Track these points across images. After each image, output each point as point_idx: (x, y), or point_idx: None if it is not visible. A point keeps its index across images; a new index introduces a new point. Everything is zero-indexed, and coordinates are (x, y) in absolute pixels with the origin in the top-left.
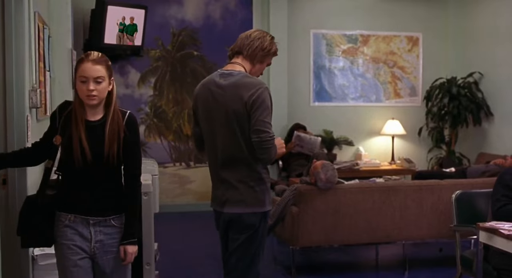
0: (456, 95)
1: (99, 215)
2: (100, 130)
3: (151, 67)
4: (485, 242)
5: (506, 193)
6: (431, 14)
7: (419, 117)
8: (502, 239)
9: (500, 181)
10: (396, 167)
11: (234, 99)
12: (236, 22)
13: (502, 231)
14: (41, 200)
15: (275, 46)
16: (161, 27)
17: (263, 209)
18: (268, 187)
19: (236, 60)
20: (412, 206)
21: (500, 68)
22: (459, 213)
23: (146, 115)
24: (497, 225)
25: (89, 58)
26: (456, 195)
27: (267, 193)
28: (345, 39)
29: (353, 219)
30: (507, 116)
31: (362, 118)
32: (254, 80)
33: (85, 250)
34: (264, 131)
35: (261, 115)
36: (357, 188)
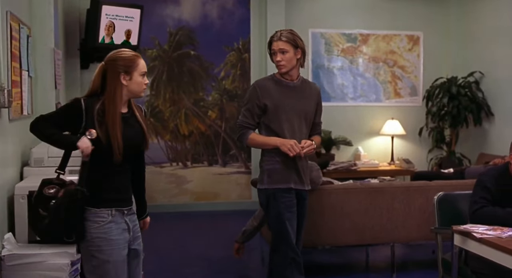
0: (455, 95)
1: (129, 204)
2: (134, 122)
3: (148, 67)
4: (459, 245)
5: (484, 195)
6: (432, 13)
7: (420, 117)
8: (475, 243)
9: (479, 182)
10: (395, 167)
11: None
12: (234, 22)
13: (475, 234)
14: (82, 196)
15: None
16: (157, 26)
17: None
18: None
19: None
20: (400, 208)
21: (501, 67)
22: (441, 215)
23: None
24: (472, 228)
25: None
26: (438, 197)
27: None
28: (344, 38)
29: (339, 220)
30: (508, 117)
31: (362, 118)
32: (253, 82)
33: (127, 242)
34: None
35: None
36: (342, 189)
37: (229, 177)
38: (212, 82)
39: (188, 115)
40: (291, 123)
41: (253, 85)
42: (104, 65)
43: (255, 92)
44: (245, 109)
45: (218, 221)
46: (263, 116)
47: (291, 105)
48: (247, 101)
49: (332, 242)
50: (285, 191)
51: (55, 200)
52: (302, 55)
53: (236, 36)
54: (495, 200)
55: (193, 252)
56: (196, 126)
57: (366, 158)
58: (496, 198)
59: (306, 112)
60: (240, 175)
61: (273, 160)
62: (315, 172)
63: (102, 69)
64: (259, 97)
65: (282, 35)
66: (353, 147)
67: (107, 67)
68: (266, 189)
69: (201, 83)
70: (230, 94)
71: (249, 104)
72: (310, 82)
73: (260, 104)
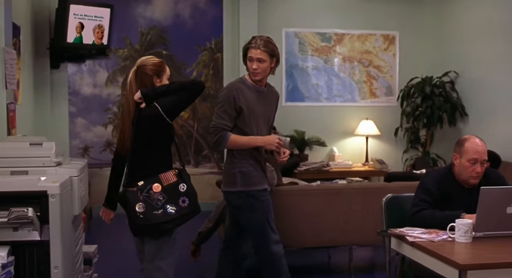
0: (429, 95)
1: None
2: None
3: (119, 66)
4: (395, 249)
5: (425, 197)
6: (408, 12)
7: (395, 118)
8: (408, 246)
9: (421, 184)
10: (369, 168)
11: None
12: (206, 21)
13: (408, 237)
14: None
15: (245, 44)
16: (129, 26)
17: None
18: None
19: None
20: (357, 210)
21: (475, 67)
22: (389, 218)
23: (114, 115)
24: (407, 231)
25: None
26: (386, 199)
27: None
28: (318, 38)
29: (294, 222)
30: (481, 117)
31: (336, 119)
32: (228, 83)
33: None
34: (211, 121)
35: (216, 107)
36: (297, 191)
37: (201, 177)
38: None
39: None
40: (258, 128)
41: (229, 88)
42: (137, 69)
43: (232, 94)
44: (222, 111)
45: (190, 222)
46: (237, 119)
47: (260, 110)
48: (224, 103)
49: (290, 244)
50: (263, 191)
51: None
52: (276, 64)
53: (208, 36)
54: (437, 203)
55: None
56: None
57: (340, 159)
58: (438, 200)
59: (269, 117)
60: (212, 175)
61: (246, 162)
62: (269, 173)
63: (136, 73)
64: (235, 100)
65: (261, 44)
66: (327, 147)
67: (140, 72)
68: (241, 192)
69: None
70: (202, 95)
71: (226, 106)
72: (272, 86)
73: (237, 107)
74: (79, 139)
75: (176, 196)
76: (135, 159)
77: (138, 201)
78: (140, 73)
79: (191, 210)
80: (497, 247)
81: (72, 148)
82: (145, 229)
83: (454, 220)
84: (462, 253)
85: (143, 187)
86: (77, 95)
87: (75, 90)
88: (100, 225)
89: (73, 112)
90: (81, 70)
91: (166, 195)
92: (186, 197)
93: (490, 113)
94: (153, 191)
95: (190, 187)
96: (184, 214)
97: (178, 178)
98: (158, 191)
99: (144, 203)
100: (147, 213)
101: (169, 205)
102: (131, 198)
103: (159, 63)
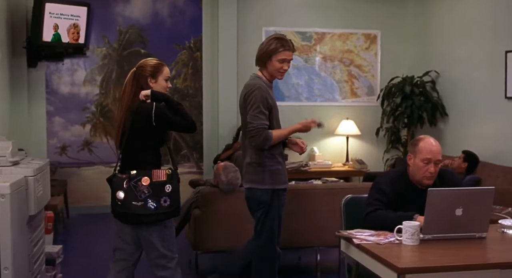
0: (409, 94)
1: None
2: None
3: (97, 65)
4: (344, 251)
5: (379, 197)
6: (390, 11)
7: (377, 117)
8: (355, 248)
9: (374, 184)
10: (348, 168)
11: (241, 96)
12: (185, 20)
13: (354, 239)
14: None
15: (273, 45)
16: (107, 24)
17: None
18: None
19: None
20: (325, 210)
21: (455, 67)
22: (348, 219)
23: (92, 115)
24: (356, 233)
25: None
26: (345, 200)
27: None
28: (299, 37)
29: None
30: (461, 117)
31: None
32: (253, 82)
33: None
34: (249, 123)
35: (251, 109)
36: None
37: (180, 177)
38: None
39: None
40: (279, 122)
41: (259, 87)
42: (135, 70)
43: (264, 94)
44: (258, 112)
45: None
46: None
47: (277, 106)
48: (259, 103)
49: None
50: (284, 190)
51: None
52: None
53: (187, 35)
54: (391, 203)
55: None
56: None
57: (321, 159)
58: (392, 200)
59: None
60: (192, 175)
61: (276, 160)
62: (233, 173)
63: (134, 74)
64: (267, 99)
65: (293, 46)
66: (308, 147)
67: (138, 73)
68: (268, 189)
69: None
70: (181, 94)
71: (261, 107)
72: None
73: (269, 106)
74: (56, 138)
75: (159, 194)
76: (127, 150)
77: (120, 188)
78: (138, 74)
79: (170, 211)
80: (443, 250)
81: (49, 147)
82: (127, 217)
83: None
84: (406, 256)
85: (133, 176)
86: (55, 94)
87: (53, 89)
88: (78, 225)
89: (50, 112)
90: (59, 69)
91: (152, 190)
92: (168, 198)
93: (470, 113)
94: (141, 183)
95: (175, 190)
96: (162, 213)
97: (168, 178)
98: (146, 184)
99: (126, 192)
100: (126, 201)
101: (151, 200)
102: (115, 183)
103: (155, 64)
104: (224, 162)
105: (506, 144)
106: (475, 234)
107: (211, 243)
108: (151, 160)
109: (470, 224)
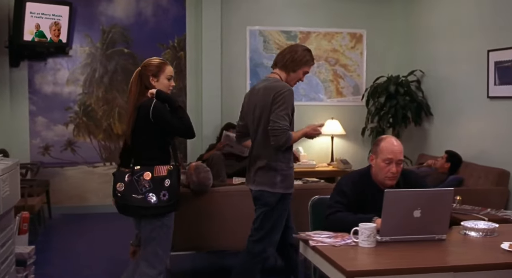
0: (394, 94)
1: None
2: None
3: (81, 65)
4: (302, 252)
5: (340, 199)
6: (376, 10)
7: (362, 117)
8: (311, 251)
9: (336, 186)
10: (333, 168)
11: (263, 98)
12: (169, 19)
13: (311, 241)
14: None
15: (307, 57)
16: (90, 23)
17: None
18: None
19: (274, 70)
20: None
21: (440, 66)
22: (316, 220)
23: (75, 114)
24: (314, 235)
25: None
26: (312, 201)
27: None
28: (283, 36)
29: (229, 224)
30: (446, 116)
31: (302, 118)
32: (282, 84)
33: None
34: (275, 122)
35: (278, 109)
36: (233, 191)
37: None
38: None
39: (122, 114)
40: (293, 127)
41: (289, 89)
42: (140, 70)
43: (292, 97)
44: (285, 114)
45: (129, 223)
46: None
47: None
48: (287, 105)
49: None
50: (290, 195)
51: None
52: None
53: (171, 34)
54: (352, 204)
55: (110, 253)
56: None
57: (306, 158)
58: (353, 202)
59: None
60: None
61: (289, 165)
62: (203, 173)
63: (138, 73)
64: (293, 102)
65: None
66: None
67: (141, 72)
68: (278, 193)
69: None
70: None
71: (288, 109)
72: None
73: (293, 108)
74: (39, 138)
75: (159, 188)
76: (134, 146)
77: (121, 180)
78: (141, 73)
79: (169, 205)
80: (400, 252)
81: (32, 147)
82: (127, 208)
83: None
84: (359, 259)
85: (136, 171)
86: (38, 94)
87: (36, 89)
88: (60, 225)
89: (33, 111)
90: (42, 69)
91: (152, 184)
92: (167, 192)
93: (454, 113)
94: (143, 177)
95: (173, 185)
96: (162, 206)
97: (168, 173)
98: (147, 178)
99: (126, 184)
100: (125, 194)
101: (152, 194)
102: (117, 176)
103: (158, 64)
104: (196, 162)
105: (488, 143)
106: (435, 236)
107: (182, 243)
108: (156, 156)
109: (429, 225)
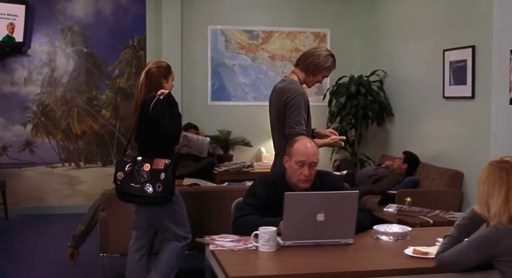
0: (354, 94)
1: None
2: None
3: (39, 64)
4: (207, 256)
5: (251, 201)
6: (339, 10)
7: (325, 117)
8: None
9: (250, 187)
10: None
11: (278, 100)
12: (128, 18)
13: (210, 246)
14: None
15: (328, 63)
16: (48, 22)
17: None
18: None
19: (294, 70)
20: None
21: (400, 66)
22: None
23: (33, 114)
24: (219, 238)
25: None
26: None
27: None
28: (246, 36)
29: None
30: (406, 117)
31: (264, 118)
32: (294, 87)
33: None
34: (291, 127)
35: (293, 114)
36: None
37: None
38: (106, 81)
39: (81, 114)
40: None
41: (301, 92)
42: (148, 71)
43: (305, 100)
44: (301, 118)
45: (67, 224)
46: None
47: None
48: (301, 109)
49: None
50: None
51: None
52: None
53: (131, 33)
54: (264, 207)
55: (59, 255)
56: (89, 125)
57: (267, 159)
58: (265, 205)
59: None
60: None
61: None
62: None
63: (146, 74)
64: (306, 103)
65: None
66: (255, 148)
67: (150, 73)
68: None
69: (94, 82)
70: (124, 93)
71: (303, 112)
72: None
73: (307, 111)
74: None
75: (156, 180)
76: (138, 139)
77: (121, 170)
78: (150, 74)
79: (163, 196)
80: (300, 257)
81: None
82: (125, 195)
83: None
84: (250, 264)
85: (138, 162)
86: None
87: None
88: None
89: None
90: None
91: (150, 176)
92: (162, 185)
93: (413, 113)
94: (143, 168)
95: (168, 178)
96: (157, 197)
97: (165, 167)
98: (146, 170)
99: (126, 174)
100: (124, 182)
101: (149, 184)
102: (118, 165)
103: (167, 66)
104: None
105: (444, 144)
106: (341, 240)
107: (117, 245)
108: (157, 149)
109: (334, 229)
